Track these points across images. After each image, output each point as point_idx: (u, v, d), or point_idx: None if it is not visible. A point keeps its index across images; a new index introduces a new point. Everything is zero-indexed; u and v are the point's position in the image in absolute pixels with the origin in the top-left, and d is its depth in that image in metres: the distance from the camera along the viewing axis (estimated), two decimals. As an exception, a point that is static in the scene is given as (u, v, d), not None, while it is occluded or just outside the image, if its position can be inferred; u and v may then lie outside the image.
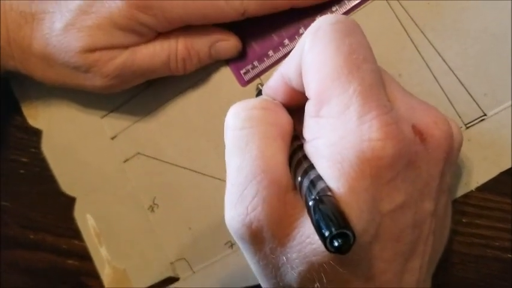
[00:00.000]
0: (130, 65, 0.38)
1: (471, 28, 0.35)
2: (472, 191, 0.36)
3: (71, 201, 0.47)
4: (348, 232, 0.24)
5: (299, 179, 0.28)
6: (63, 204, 0.47)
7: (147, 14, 0.36)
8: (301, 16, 0.38)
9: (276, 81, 0.33)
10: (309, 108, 0.29)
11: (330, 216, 0.25)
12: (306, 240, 0.27)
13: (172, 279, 0.44)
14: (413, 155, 0.28)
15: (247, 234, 0.29)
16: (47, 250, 0.48)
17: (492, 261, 0.36)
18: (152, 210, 0.44)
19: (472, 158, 0.36)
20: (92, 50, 0.37)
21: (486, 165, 0.35)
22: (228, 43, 0.39)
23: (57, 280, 0.47)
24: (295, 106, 0.32)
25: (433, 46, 0.36)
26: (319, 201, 0.26)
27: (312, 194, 0.26)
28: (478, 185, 0.36)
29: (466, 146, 0.35)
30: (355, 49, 0.28)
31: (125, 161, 0.45)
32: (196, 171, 0.42)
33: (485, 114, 0.35)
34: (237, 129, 0.30)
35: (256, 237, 0.29)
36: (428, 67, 0.36)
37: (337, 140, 0.27)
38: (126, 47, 0.38)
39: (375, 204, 0.27)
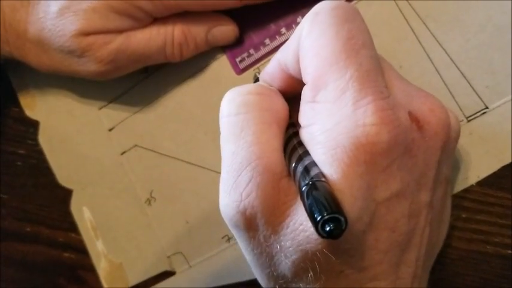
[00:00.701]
0: (125, 50, 0.38)
1: (473, 19, 0.35)
2: (472, 185, 0.35)
3: (67, 193, 0.46)
4: (339, 217, 0.24)
5: (293, 165, 0.28)
6: (60, 197, 0.46)
7: None
8: (299, 5, 0.38)
9: (273, 68, 0.33)
10: (305, 93, 0.29)
11: (322, 201, 0.24)
12: (299, 227, 0.27)
13: (169, 273, 0.44)
14: (410, 142, 0.27)
15: (241, 221, 0.28)
16: (43, 243, 0.47)
17: (492, 258, 0.35)
18: (149, 204, 0.44)
19: (473, 152, 0.35)
20: (87, 33, 0.37)
21: (487, 159, 0.35)
22: (226, 28, 0.39)
23: (53, 273, 0.47)
24: (291, 93, 0.32)
25: (435, 37, 0.35)
26: (312, 186, 0.25)
27: (305, 179, 0.26)
28: (479, 179, 0.35)
29: (467, 140, 0.35)
30: (354, 34, 0.28)
31: (122, 153, 0.44)
32: (193, 164, 0.42)
33: (487, 107, 0.35)
34: (232, 115, 0.30)
35: (250, 224, 0.28)
36: (430, 58, 0.35)
37: (332, 125, 0.27)
38: (121, 31, 0.38)
39: (369, 192, 0.26)
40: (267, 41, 0.39)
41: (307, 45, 0.28)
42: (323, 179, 0.26)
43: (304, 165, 0.27)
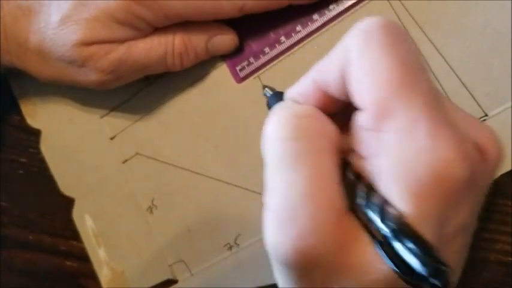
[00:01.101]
0: (126, 60, 0.38)
1: (472, 26, 0.35)
2: (473, 192, 0.35)
3: (69, 202, 0.46)
4: (443, 268, 0.22)
5: (359, 201, 0.26)
6: (62, 205, 0.46)
7: (144, 7, 0.36)
8: (298, 13, 0.38)
9: (307, 87, 0.30)
10: (364, 120, 0.26)
11: (417, 250, 0.23)
12: (370, 269, 0.25)
13: (171, 282, 0.44)
14: (479, 174, 0.26)
15: (297, 261, 0.25)
16: (45, 251, 0.47)
17: (493, 265, 0.35)
18: (151, 212, 0.44)
19: (473, 159, 0.35)
20: (89, 43, 0.37)
21: (487, 166, 0.35)
22: (225, 37, 0.39)
23: (56, 281, 0.47)
24: (327, 113, 0.30)
25: (434, 44, 0.35)
26: (397, 231, 0.23)
27: (385, 222, 0.24)
28: (480, 186, 0.35)
29: (467, 147, 0.35)
30: (412, 57, 0.26)
31: (124, 162, 0.45)
32: (195, 172, 0.42)
33: (486, 115, 0.34)
34: (287, 139, 0.27)
35: (307, 265, 0.26)
36: (428, 66, 0.35)
37: (407, 158, 0.24)
38: (122, 41, 0.38)
39: (442, 227, 0.25)
40: (267, 49, 0.39)
41: (362, 67, 0.26)
42: (404, 219, 0.24)
43: (376, 204, 0.25)
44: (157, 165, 0.43)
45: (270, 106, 0.35)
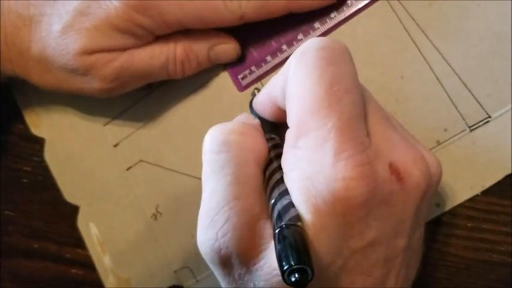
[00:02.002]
0: (128, 67, 0.38)
1: (473, 28, 0.35)
2: (477, 195, 0.35)
3: (74, 209, 0.46)
4: (307, 268, 0.24)
5: (272, 201, 0.29)
6: (66, 213, 0.47)
7: (144, 15, 0.36)
8: (300, 22, 0.38)
9: (263, 99, 0.33)
10: (288, 137, 0.29)
11: (292, 248, 0.25)
12: (273, 272, 0.27)
13: (176, 288, 0.44)
14: (388, 194, 0.28)
15: (216, 259, 0.29)
16: (50, 259, 0.47)
17: (498, 266, 0.35)
18: (155, 219, 0.44)
19: (476, 162, 0.35)
20: (90, 52, 0.37)
21: (491, 168, 0.35)
22: (227, 46, 0.39)
23: (61, 289, 0.47)
24: (282, 123, 0.32)
25: (436, 47, 0.35)
26: (285, 229, 0.26)
27: (281, 221, 0.27)
28: (484, 188, 0.35)
29: (470, 149, 0.35)
30: (338, 79, 0.28)
31: (127, 169, 0.45)
32: (198, 178, 0.41)
33: (489, 116, 0.34)
34: (214, 152, 0.30)
35: (224, 263, 0.29)
36: (431, 68, 0.35)
37: (312, 174, 0.27)
38: (124, 49, 0.38)
39: (345, 240, 0.27)
40: (269, 58, 0.39)
41: (292, 87, 0.29)
42: (299, 223, 0.26)
43: (282, 205, 0.27)
44: (161, 172, 0.43)
45: (250, 108, 0.36)
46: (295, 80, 0.28)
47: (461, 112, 0.35)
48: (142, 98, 0.43)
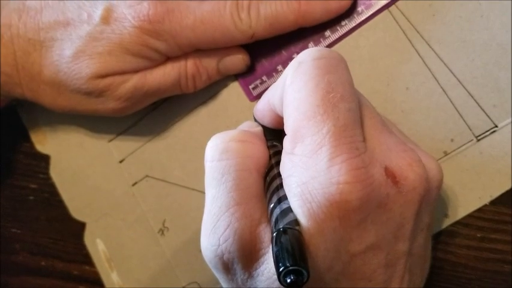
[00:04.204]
0: (141, 87, 0.38)
1: (478, 38, 0.35)
2: (486, 205, 0.35)
3: (80, 226, 0.46)
4: (302, 270, 0.25)
5: (271, 205, 0.29)
6: (73, 230, 0.47)
7: (157, 39, 0.36)
8: (310, 30, 0.38)
9: (263, 106, 0.34)
10: (285, 144, 0.29)
11: (288, 250, 0.25)
12: (273, 276, 0.28)
13: (185, 303, 0.44)
14: (384, 197, 0.28)
15: (219, 264, 0.30)
16: (57, 277, 0.47)
17: (509, 276, 0.35)
18: (162, 234, 0.44)
19: (484, 171, 0.35)
20: (104, 76, 0.38)
21: (499, 178, 0.35)
22: (236, 57, 0.39)
23: (69, 306, 0.47)
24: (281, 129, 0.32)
25: (440, 58, 0.35)
26: (282, 232, 0.26)
27: (278, 224, 0.27)
28: (492, 198, 0.35)
29: (477, 159, 0.35)
30: (333, 87, 0.28)
31: (133, 184, 0.45)
32: (205, 192, 0.42)
33: (496, 126, 0.34)
34: (215, 160, 0.31)
35: (227, 268, 0.29)
36: (436, 79, 0.35)
37: (308, 179, 0.27)
38: (137, 71, 0.38)
39: (343, 244, 0.27)
40: (279, 67, 0.39)
41: (289, 95, 0.29)
42: (296, 227, 0.27)
43: (281, 210, 0.28)
44: (167, 187, 0.43)
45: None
46: (292, 89, 0.29)
47: (467, 122, 0.35)
48: (148, 114, 0.43)
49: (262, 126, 0.35)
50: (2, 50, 0.39)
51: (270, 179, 0.31)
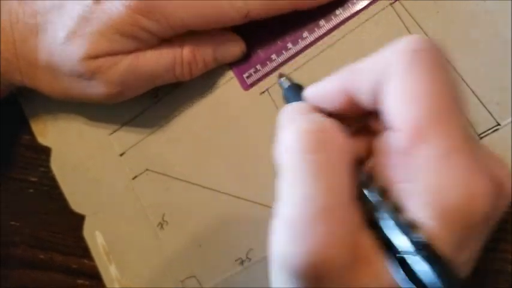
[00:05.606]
0: (134, 70, 0.38)
1: (481, 36, 0.35)
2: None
3: (80, 219, 0.46)
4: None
5: (382, 219, 0.26)
6: (73, 223, 0.46)
7: (149, 18, 0.36)
8: (305, 19, 0.38)
9: (331, 89, 0.30)
10: (396, 142, 0.26)
11: (443, 271, 0.23)
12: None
13: (183, 297, 0.44)
14: (495, 209, 0.26)
15: (307, 273, 0.25)
16: (56, 270, 0.47)
17: (510, 276, 0.35)
18: (161, 228, 0.44)
19: (486, 169, 0.35)
20: (95, 56, 0.37)
21: (501, 176, 0.34)
22: (233, 45, 0.39)
23: (67, 300, 0.47)
24: (346, 116, 0.30)
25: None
26: (424, 253, 0.24)
27: (413, 242, 0.24)
28: (494, 196, 0.35)
29: (479, 157, 0.35)
30: (451, 85, 0.26)
31: (133, 178, 0.44)
32: (205, 187, 0.42)
33: (498, 124, 0.34)
34: (305, 152, 0.27)
35: (316, 278, 0.25)
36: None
37: (441, 185, 0.25)
38: (129, 52, 0.38)
39: (458, 256, 0.25)
40: (274, 56, 0.39)
41: (402, 88, 0.26)
42: (431, 242, 0.24)
43: (405, 225, 0.25)
44: (168, 181, 0.43)
45: (286, 98, 0.35)
46: (408, 82, 0.26)
47: (470, 120, 0.35)
48: (148, 107, 0.43)
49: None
50: (2, 37, 0.39)
51: (365, 179, 0.28)
